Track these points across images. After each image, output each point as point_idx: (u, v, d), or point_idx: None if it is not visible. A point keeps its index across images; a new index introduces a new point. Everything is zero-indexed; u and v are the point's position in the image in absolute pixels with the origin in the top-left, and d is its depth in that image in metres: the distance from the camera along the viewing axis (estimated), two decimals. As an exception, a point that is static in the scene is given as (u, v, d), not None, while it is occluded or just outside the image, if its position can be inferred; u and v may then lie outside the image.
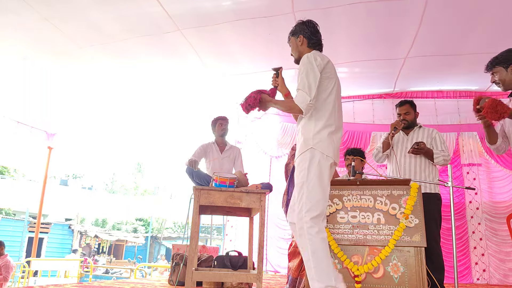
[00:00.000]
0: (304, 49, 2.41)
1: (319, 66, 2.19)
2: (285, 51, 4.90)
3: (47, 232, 14.30)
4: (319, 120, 2.18)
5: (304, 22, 2.46)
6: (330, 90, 2.24)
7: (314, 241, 2.04)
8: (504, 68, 2.35)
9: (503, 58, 2.36)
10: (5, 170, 19.28)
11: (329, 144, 2.15)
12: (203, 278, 2.96)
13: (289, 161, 3.59)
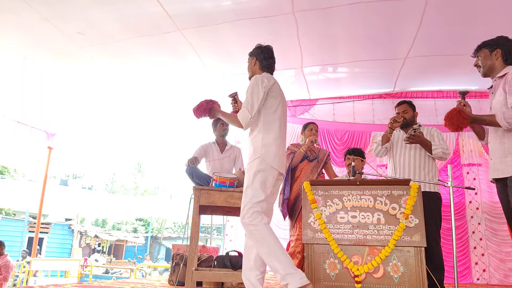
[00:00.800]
0: (256, 70, 2.75)
1: (265, 87, 2.50)
2: (285, 51, 4.94)
3: (47, 232, 14.30)
4: (267, 133, 2.44)
5: (261, 47, 2.80)
6: (275, 107, 2.54)
7: (263, 234, 2.21)
8: (489, 51, 2.35)
9: (491, 41, 2.37)
10: (5, 170, 19.28)
11: (275, 156, 2.39)
12: (203, 278, 2.96)
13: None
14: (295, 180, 3.62)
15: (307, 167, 3.57)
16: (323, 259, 2.69)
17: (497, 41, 2.32)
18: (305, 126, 3.89)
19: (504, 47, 2.29)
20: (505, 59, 2.29)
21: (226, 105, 2.90)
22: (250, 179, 2.32)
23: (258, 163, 2.35)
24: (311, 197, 2.80)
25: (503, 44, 2.30)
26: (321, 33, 4.51)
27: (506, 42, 2.31)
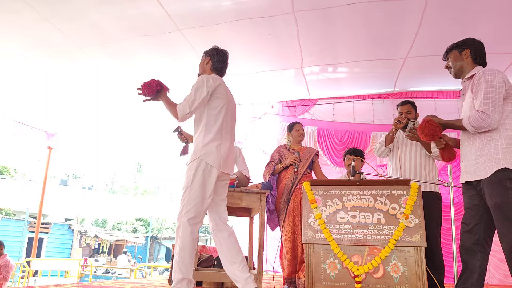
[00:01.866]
0: (207, 69, 2.80)
1: (210, 88, 2.52)
2: (285, 51, 4.94)
3: (47, 232, 14.29)
4: (208, 134, 2.47)
5: (217, 49, 2.87)
6: (220, 108, 2.55)
7: (185, 240, 2.31)
8: (458, 52, 2.37)
9: (460, 42, 2.40)
10: (5, 170, 19.28)
11: (216, 156, 2.42)
12: (203, 278, 2.96)
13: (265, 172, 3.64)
14: (280, 181, 3.60)
15: (292, 168, 3.55)
16: (323, 259, 2.69)
17: (465, 42, 2.38)
18: (291, 126, 3.80)
19: (473, 47, 2.33)
20: (474, 58, 2.32)
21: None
22: (189, 180, 2.37)
23: (197, 164, 2.39)
24: (311, 197, 2.80)
25: (472, 44, 2.35)
26: (321, 33, 4.51)
27: (474, 42, 2.37)
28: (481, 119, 2.03)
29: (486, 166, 2.07)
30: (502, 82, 2.08)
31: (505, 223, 1.99)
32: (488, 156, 2.07)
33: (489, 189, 2.05)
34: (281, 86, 6.14)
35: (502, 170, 2.01)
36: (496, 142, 2.07)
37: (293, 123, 3.83)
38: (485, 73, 2.13)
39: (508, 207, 1.98)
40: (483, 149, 2.10)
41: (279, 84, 6.01)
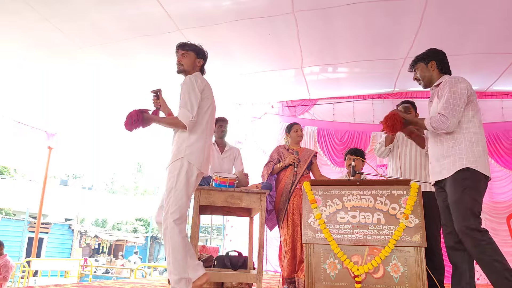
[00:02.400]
0: (195, 68, 2.74)
1: (199, 87, 2.51)
2: (285, 51, 4.94)
3: (47, 232, 14.29)
4: (193, 134, 2.46)
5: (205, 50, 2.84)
6: (206, 109, 2.55)
7: (175, 239, 2.33)
8: (425, 64, 2.48)
9: (424, 55, 2.50)
10: (5, 170, 19.28)
11: (198, 156, 2.44)
12: (203, 278, 2.95)
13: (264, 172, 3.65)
14: (279, 181, 3.60)
15: (290, 169, 3.55)
16: (323, 259, 2.69)
17: (429, 54, 2.49)
18: (289, 127, 3.78)
19: (437, 58, 2.47)
20: (440, 68, 2.46)
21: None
22: (174, 181, 2.37)
23: (180, 164, 2.39)
24: (311, 197, 2.80)
25: (436, 56, 2.48)
26: (321, 33, 4.51)
27: (437, 53, 2.50)
28: (441, 121, 2.19)
29: (450, 166, 2.21)
30: (465, 89, 2.24)
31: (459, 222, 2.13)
32: (453, 157, 2.21)
33: (450, 187, 2.19)
34: (281, 86, 6.14)
35: (464, 170, 2.16)
36: (460, 144, 2.22)
37: (291, 123, 3.82)
38: (450, 80, 2.30)
39: (462, 206, 2.12)
40: (448, 150, 2.24)
41: (279, 84, 6.01)
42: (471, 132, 2.23)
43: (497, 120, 5.76)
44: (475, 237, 2.08)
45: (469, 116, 2.26)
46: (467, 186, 2.14)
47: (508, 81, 5.44)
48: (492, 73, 5.28)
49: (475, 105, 2.28)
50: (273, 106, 6.67)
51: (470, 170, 2.16)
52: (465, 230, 2.12)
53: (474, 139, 2.22)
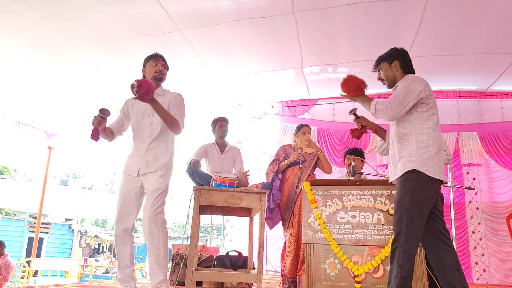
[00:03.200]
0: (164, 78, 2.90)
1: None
2: (285, 50, 4.94)
3: (47, 232, 14.29)
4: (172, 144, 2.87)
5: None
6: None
7: (166, 233, 2.63)
8: (388, 64, 2.47)
9: (387, 55, 2.49)
10: (5, 170, 19.28)
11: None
12: (203, 278, 2.96)
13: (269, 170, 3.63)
14: (285, 180, 3.60)
15: (297, 168, 3.55)
16: (323, 259, 2.69)
17: (392, 54, 2.48)
18: (298, 128, 3.79)
19: (400, 58, 2.45)
20: (403, 68, 2.44)
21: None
22: (166, 185, 2.70)
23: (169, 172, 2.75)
24: (311, 197, 2.80)
25: (399, 56, 2.46)
26: (321, 33, 4.51)
27: (399, 52, 2.48)
28: (384, 107, 2.22)
29: (400, 168, 2.24)
30: (418, 90, 2.24)
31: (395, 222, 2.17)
32: (404, 158, 2.23)
33: (397, 187, 2.24)
34: (281, 86, 6.14)
35: (411, 172, 2.17)
36: (412, 146, 2.23)
37: (301, 125, 3.79)
38: (408, 78, 2.33)
39: (399, 207, 2.15)
40: (401, 152, 2.28)
41: (279, 84, 6.01)
42: (424, 135, 2.24)
43: (497, 120, 5.76)
44: (398, 239, 2.13)
45: (424, 118, 2.26)
46: (410, 188, 2.15)
47: (508, 81, 5.44)
48: (492, 73, 5.28)
49: (431, 108, 2.28)
50: (273, 106, 6.67)
51: (415, 172, 2.16)
52: (395, 229, 2.17)
53: (426, 142, 2.22)
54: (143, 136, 2.78)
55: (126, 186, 2.72)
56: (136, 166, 2.72)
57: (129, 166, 2.76)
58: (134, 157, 2.77)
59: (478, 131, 5.77)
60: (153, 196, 2.62)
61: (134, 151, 2.79)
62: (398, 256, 2.09)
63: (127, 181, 2.73)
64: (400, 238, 2.11)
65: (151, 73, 2.79)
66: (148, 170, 2.68)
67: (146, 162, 2.70)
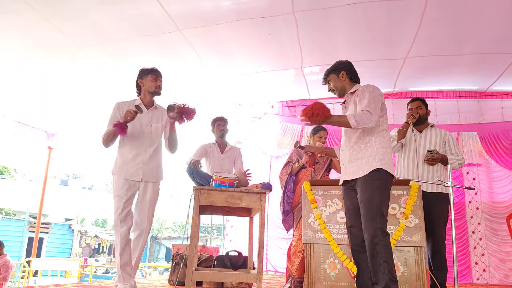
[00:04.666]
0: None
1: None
2: (285, 50, 4.94)
3: (47, 232, 14.29)
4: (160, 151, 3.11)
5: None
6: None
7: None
8: (336, 75, 2.63)
9: (334, 67, 2.67)
10: (5, 170, 19.28)
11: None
12: (203, 278, 2.96)
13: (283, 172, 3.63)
14: (298, 182, 3.62)
15: (309, 170, 3.57)
16: (323, 259, 2.69)
17: (338, 66, 2.65)
18: (316, 130, 3.74)
19: (346, 68, 2.63)
20: (350, 77, 2.62)
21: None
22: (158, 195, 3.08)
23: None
24: (311, 197, 2.80)
25: (345, 67, 2.64)
26: (321, 33, 4.51)
27: (345, 64, 2.67)
28: (366, 116, 2.30)
29: (364, 167, 2.33)
30: (380, 97, 2.46)
31: (367, 219, 2.22)
32: (366, 159, 2.36)
33: (362, 186, 2.32)
34: (281, 86, 6.14)
35: (376, 170, 2.30)
36: (372, 147, 2.37)
37: (318, 128, 3.74)
38: (368, 86, 2.48)
39: (371, 204, 2.22)
40: (362, 153, 2.39)
41: (279, 84, 6.01)
42: (381, 136, 2.41)
43: (497, 120, 5.76)
44: (376, 235, 2.17)
45: (380, 122, 2.43)
46: (378, 186, 2.28)
47: (508, 81, 5.44)
48: (492, 73, 5.28)
49: (384, 112, 2.48)
50: (273, 106, 6.67)
51: (381, 171, 2.30)
52: (369, 227, 2.21)
53: (383, 143, 2.39)
54: (143, 144, 2.91)
55: (127, 189, 2.83)
56: (138, 172, 2.86)
57: (130, 171, 2.86)
58: (135, 163, 2.87)
59: (478, 131, 5.77)
60: (152, 206, 2.93)
61: (134, 156, 2.88)
62: (381, 252, 2.14)
63: (126, 184, 2.84)
64: (378, 234, 2.17)
65: (151, 87, 2.99)
66: (150, 180, 2.91)
67: (150, 170, 2.89)
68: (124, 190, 2.83)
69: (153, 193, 2.95)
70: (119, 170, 2.87)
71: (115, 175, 2.89)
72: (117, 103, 3.02)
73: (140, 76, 3.03)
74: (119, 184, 2.84)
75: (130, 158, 2.88)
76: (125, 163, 2.88)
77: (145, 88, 3.01)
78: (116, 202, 2.83)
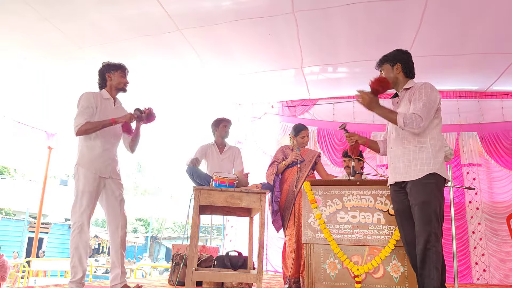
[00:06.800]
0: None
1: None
2: (285, 50, 4.94)
3: (47, 232, 14.29)
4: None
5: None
6: None
7: None
8: (391, 66, 2.51)
9: (391, 56, 2.53)
10: (5, 170, 19.27)
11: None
12: (203, 278, 2.96)
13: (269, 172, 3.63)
14: (284, 181, 3.60)
15: (295, 168, 3.55)
16: (323, 259, 2.69)
17: (395, 56, 2.52)
18: (297, 131, 3.71)
19: (403, 61, 2.49)
20: (405, 72, 2.48)
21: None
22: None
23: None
24: (311, 197, 2.80)
25: (402, 59, 2.50)
26: (321, 33, 4.50)
27: (403, 55, 2.51)
28: (415, 120, 2.23)
29: (418, 169, 2.27)
30: (438, 98, 2.34)
31: (422, 223, 2.18)
32: (420, 161, 2.28)
33: (416, 189, 2.26)
34: (281, 86, 6.14)
35: (432, 174, 2.24)
36: (427, 150, 2.30)
37: (300, 128, 3.71)
38: (426, 87, 2.34)
39: (427, 208, 2.18)
40: (415, 154, 2.31)
41: (279, 84, 6.01)
42: (435, 139, 2.33)
43: (497, 120, 5.76)
44: (429, 241, 2.15)
45: (434, 124, 2.35)
46: (434, 189, 2.23)
47: (508, 81, 5.44)
48: (492, 73, 5.28)
49: (439, 114, 2.39)
50: (273, 106, 6.67)
51: (436, 175, 2.25)
52: (424, 231, 2.18)
53: (438, 146, 2.32)
54: (111, 140, 2.88)
55: (97, 186, 2.74)
56: (107, 169, 2.80)
57: (99, 167, 2.77)
58: (104, 158, 2.80)
59: (478, 131, 5.77)
60: (122, 202, 2.86)
61: (103, 151, 2.81)
62: (432, 257, 2.12)
63: (97, 180, 2.73)
64: (431, 239, 2.14)
65: (119, 84, 3.02)
66: (115, 176, 2.86)
67: (115, 166, 2.88)
68: (95, 186, 2.70)
69: (120, 190, 2.87)
70: (89, 164, 2.72)
71: (82, 168, 2.71)
72: (87, 92, 2.91)
73: (108, 70, 3.02)
74: (89, 179, 2.68)
75: (100, 153, 2.78)
76: (96, 158, 2.75)
77: (113, 83, 3.01)
78: (84, 199, 2.65)
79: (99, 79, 3.01)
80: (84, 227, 2.67)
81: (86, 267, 2.75)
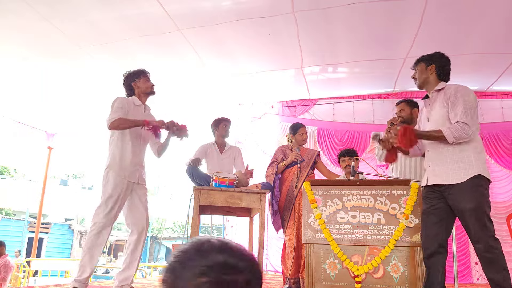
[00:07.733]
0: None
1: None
2: (285, 50, 4.94)
3: (47, 232, 14.28)
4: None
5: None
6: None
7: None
8: (425, 66, 2.49)
9: (428, 56, 2.51)
10: (5, 170, 19.27)
11: None
12: (203, 278, 2.95)
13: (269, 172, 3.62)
14: (284, 181, 3.59)
15: (295, 168, 3.54)
16: (323, 259, 2.69)
17: (433, 57, 2.49)
18: (295, 129, 3.71)
19: (438, 63, 2.46)
20: (438, 74, 2.46)
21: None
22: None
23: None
24: (311, 197, 2.80)
25: (438, 60, 2.47)
26: (321, 33, 4.51)
27: (440, 58, 2.49)
28: (463, 130, 2.18)
29: (461, 172, 2.21)
30: (475, 101, 2.29)
31: (479, 228, 2.14)
32: (463, 164, 2.22)
33: (463, 194, 2.18)
34: (281, 86, 6.14)
35: (476, 177, 2.19)
36: (468, 151, 2.24)
37: (297, 126, 3.72)
38: (461, 90, 2.31)
39: (481, 213, 2.14)
40: (456, 156, 2.25)
41: (279, 84, 6.01)
42: (476, 140, 2.28)
43: (497, 120, 5.76)
44: (491, 245, 2.13)
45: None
46: (483, 193, 2.19)
47: (508, 81, 5.44)
48: (492, 73, 5.28)
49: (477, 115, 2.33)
50: (273, 106, 6.67)
51: (481, 177, 2.19)
52: (483, 236, 2.15)
53: (479, 147, 2.27)
54: (140, 145, 2.91)
55: (125, 190, 2.75)
56: (135, 174, 2.82)
57: (130, 171, 2.79)
58: (134, 163, 2.82)
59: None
60: (147, 207, 2.86)
61: (133, 156, 2.82)
62: (500, 260, 2.11)
63: (124, 184, 2.74)
64: (492, 243, 2.13)
65: (147, 88, 3.05)
66: (142, 182, 2.89)
67: (142, 172, 2.91)
68: (123, 190, 2.74)
69: (145, 196, 2.94)
70: (119, 168, 2.76)
71: (112, 172, 2.74)
72: (121, 96, 2.96)
73: (132, 79, 3.02)
74: (118, 184, 2.72)
75: (130, 158, 2.82)
76: (126, 162, 2.79)
77: (141, 90, 3.02)
78: (110, 202, 2.68)
79: (125, 90, 3.04)
80: (103, 230, 2.70)
81: (94, 268, 2.75)
